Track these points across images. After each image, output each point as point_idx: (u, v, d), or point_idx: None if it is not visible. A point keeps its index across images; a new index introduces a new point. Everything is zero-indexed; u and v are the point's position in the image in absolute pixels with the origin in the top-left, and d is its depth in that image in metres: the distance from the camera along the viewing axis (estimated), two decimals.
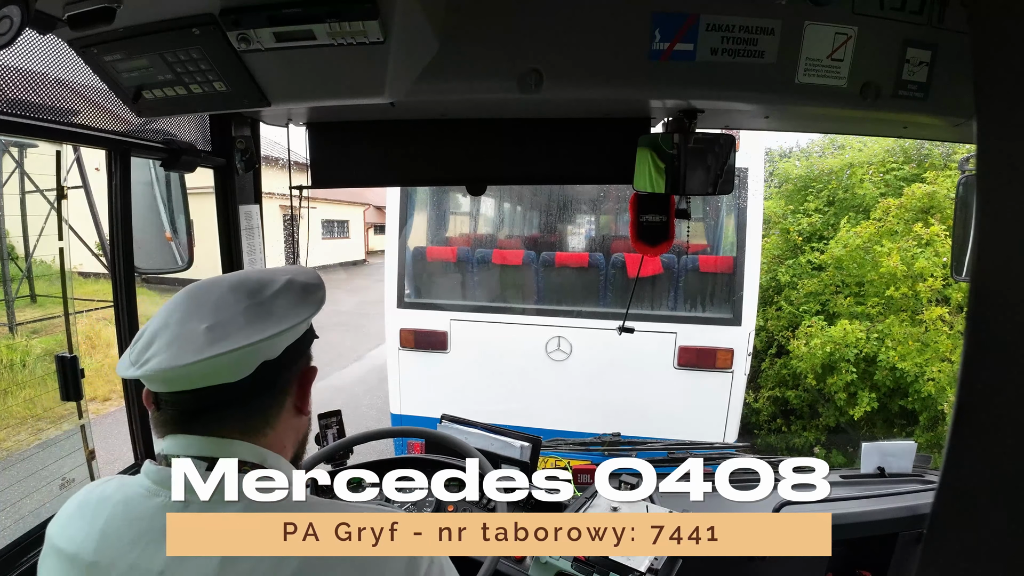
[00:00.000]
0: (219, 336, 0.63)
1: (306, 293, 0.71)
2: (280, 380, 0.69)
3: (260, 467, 0.66)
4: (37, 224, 7.23)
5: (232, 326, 0.64)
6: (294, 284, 0.71)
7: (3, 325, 6.85)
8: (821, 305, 5.37)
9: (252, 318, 0.65)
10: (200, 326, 0.64)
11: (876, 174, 5.63)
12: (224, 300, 0.67)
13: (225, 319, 0.64)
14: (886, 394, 4.87)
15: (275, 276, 0.71)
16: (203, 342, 0.62)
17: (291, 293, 0.70)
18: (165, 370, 0.62)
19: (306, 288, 0.71)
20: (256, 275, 0.72)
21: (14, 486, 3.92)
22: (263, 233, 1.74)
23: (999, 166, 0.41)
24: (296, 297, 0.70)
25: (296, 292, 0.70)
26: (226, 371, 0.64)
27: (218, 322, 0.64)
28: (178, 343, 0.63)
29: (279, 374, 0.68)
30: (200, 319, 0.64)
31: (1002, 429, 0.40)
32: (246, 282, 0.69)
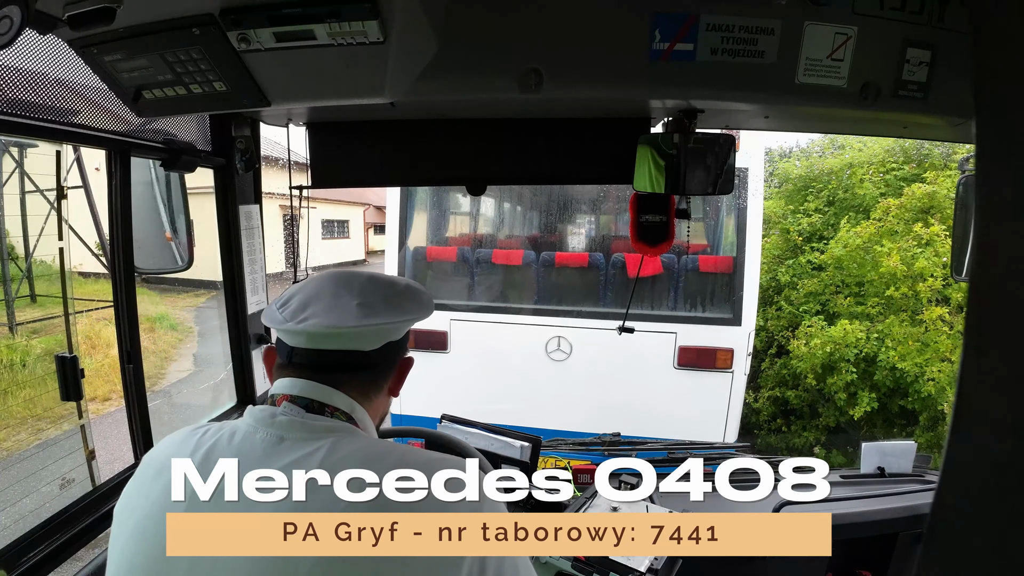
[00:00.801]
0: (369, 312, 0.75)
1: (423, 296, 0.85)
2: (394, 360, 0.82)
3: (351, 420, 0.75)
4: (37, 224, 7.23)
5: (378, 307, 0.77)
6: (413, 287, 0.85)
7: (3, 325, 6.85)
8: (821, 305, 5.37)
9: (390, 305, 0.78)
10: (353, 302, 0.76)
11: (876, 174, 5.63)
12: (367, 287, 0.79)
13: (371, 301, 0.77)
14: (886, 394, 4.87)
15: (397, 279, 0.86)
16: (358, 313, 0.75)
17: (412, 294, 0.84)
18: (328, 327, 0.73)
19: (423, 292, 0.86)
20: (384, 276, 0.86)
21: (14, 486, 3.92)
22: (263, 233, 1.74)
23: (999, 166, 0.41)
24: (415, 297, 0.84)
25: (416, 294, 0.84)
26: (367, 340, 0.77)
27: (366, 302, 0.77)
28: (336, 310, 0.74)
29: (395, 354, 0.82)
30: (351, 296, 0.77)
31: (1002, 429, 0.40)
32: (377, 279, 0.82)
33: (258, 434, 0.71)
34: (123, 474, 1.40)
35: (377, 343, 0.78)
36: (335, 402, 0.75)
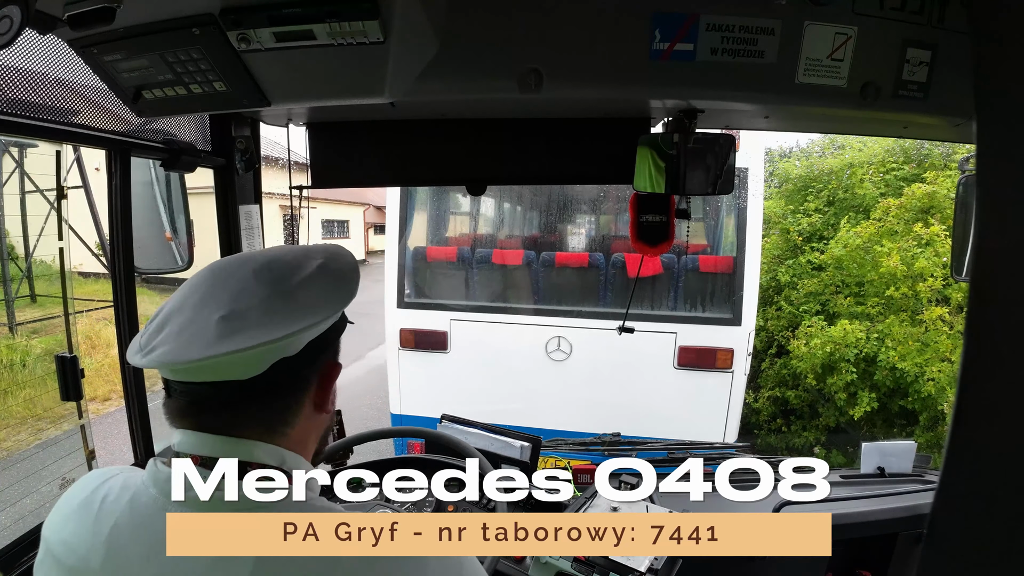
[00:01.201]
0: (233, 329, 0.58)
1: (338, 282, 0.66)
2: (298, 378, 0.64)
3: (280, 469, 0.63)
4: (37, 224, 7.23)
5: (249, 318, 0.59)
6: (327, 270, 0.65)
7: (3, 325, 6.85)
8: (821, 305, 5.37)
9: (272, 309, 0.61)
10: (215, 315, 0.59)
11: (876, 174, 5.63)
12: (246, 286, 0.62)
13: (243, 309, 0.60)
14: (886, 394, 4.87)
15: (307, 259, 0.66)
16: (213, 335, 0.58)
17: (321, 281, 0.65)
18: (168, 364, 0.58)
19: (339, 276, 0.66)
20: (289, 256, 0.67)
21: (14, 486, 3.92)
22: (263, 233, 1.74)
23: (999, 166, 0.41)
24: (326, 286, 0.65)
25: (327, 280, 0.65)
26: (237, 368, 0.60)
27: (234, 311, 0.60)
28: (188, 332, 0.59)
29: (297, 372, 0.64)
30: (217, 306, 0.60)
31: (1002, 429, 0.40)
32: (275, 264, 0.65)
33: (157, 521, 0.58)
34: None
35: (261, 365, 0.61)
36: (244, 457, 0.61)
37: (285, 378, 0.63)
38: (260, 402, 0.62)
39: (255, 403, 0.62)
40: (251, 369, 0.60)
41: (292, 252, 0.68)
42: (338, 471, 1.03)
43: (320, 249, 0.70)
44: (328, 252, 0.69)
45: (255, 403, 0.62)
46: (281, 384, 0.63)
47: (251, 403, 0.62)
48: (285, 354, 0.62)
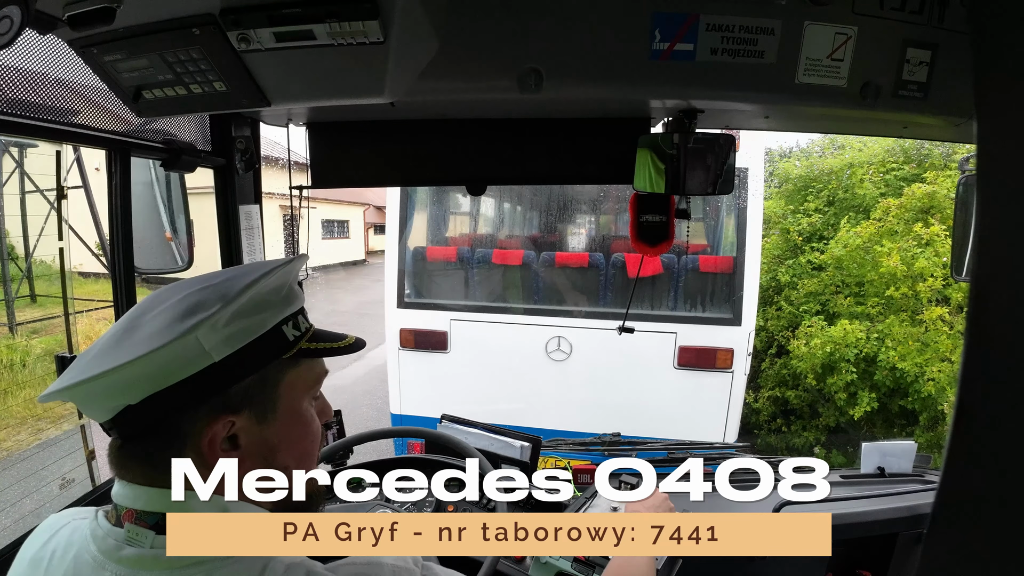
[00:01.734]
0: (73, 368, 0.57)
1: (187, 312, 0.56)
2: (151, 433, 0.57)
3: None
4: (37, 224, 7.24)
5: (86, 354, 0.57)
6: (188, 298, 0.58)
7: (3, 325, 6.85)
8: (821, 305, 5.37)
9: (107, 345, 0.57)
10: (87, 349, 0.58)
11: (876, 174, 5.63)
12: (123, 319, 0.59)
13: (97, 344, 0.57)
14: (886, 394, 4.87)
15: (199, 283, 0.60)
16: (63, 375, 0.57)
17: (170, 311, 0.57)
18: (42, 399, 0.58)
19: (192, 307, 0.57)
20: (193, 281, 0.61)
21: (14, 486, 3.92)
22: (263, 233, 1.74)
23: (999, 166, 0.41)
24: (168, 319, 0.56)
25: (177, 309, 0.57)
26: (88, 409, 0.58)
27: (90, 348, 0.58)
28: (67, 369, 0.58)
29: (145, 425, 0.57)
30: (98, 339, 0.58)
31: (1002, 429, 0.40)
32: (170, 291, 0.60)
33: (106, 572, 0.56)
34: None
35: (105, 410, 0.57)
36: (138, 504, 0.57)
37: (138, 430, 0.57)
38: (134, 452, 0.58)
39: (132, 452, 0.58)
40: (97, 413, 0.58)
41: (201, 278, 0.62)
42: (338, 471, 1.03)
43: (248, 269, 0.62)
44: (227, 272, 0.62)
45: (132, 452, 0.58)
46: (136, 436, 0.58)
47: (129, 452, 0.58)
48: (128, 400, 0.56)
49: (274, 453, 0.62)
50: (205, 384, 0.57)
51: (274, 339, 0.61)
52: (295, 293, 0.65)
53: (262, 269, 0.61)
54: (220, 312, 0.57)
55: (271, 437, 0.61)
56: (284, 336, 0.62)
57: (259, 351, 0.60)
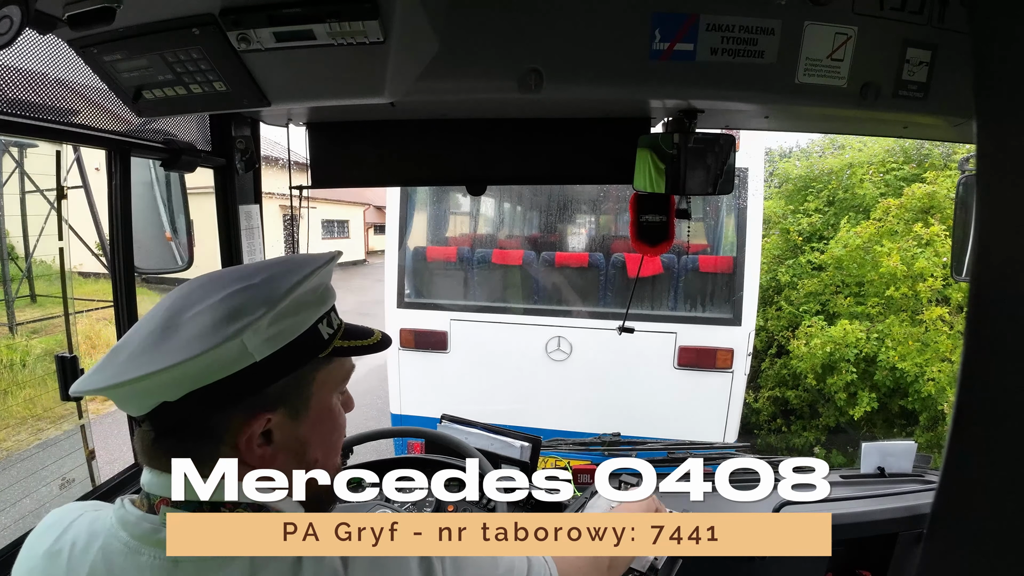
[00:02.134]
0: (104, 365, 0.56)
1: (232, 315, 0.57)
2: (189, 428, 0.58)
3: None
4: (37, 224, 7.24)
5: (120, 354, 0.57)
6: (229, 299, 0.58)
7: (3, 325, 6.85)
8: (821, 305, 5.37)
9: (146, 345, 0.56)
10: (117, 346, 0.58)
11: (876, 174, 5.63)
12: (155, 315, 0.59)
13: (132, 342, 0.57)
14: (886, 394, 4.87)
15: (236, 281, 0.60)
16: (95, 369, 0.57)
17: (210, 312, 0.57)
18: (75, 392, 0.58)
19: (236, 309, 0.57)
20: (226, 278, 0.61)
21: (14, 486, 3.92)
22: (263, 233, 1.74)
23: (999, 166, 0.41)
24: (212, 320, 0.57)
25: (218, 311, 0.57)
26: (127, 405, 0.58)
27: (121, 344, 0.57)
28: (100, 362, 0.57)
29: (183, 420, 0.58)
30: (128, 336, 0.58)
31: (1002, 429, 0.40)
32: (202, 289, 0.60)
33: (142, 556, 0.56)
34: (123, 474, 1.40)
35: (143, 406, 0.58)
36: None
37: (172, 425, 0.58)
38: (169, 447, 0.58)
39: (167, 447, 0.58)
40: (131, 409, 0.58)
41: (240, 271, 0.63)
42: (338, 471, 1.03)
43: (272, 264, 0.64)
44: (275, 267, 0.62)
45: (167, 447, 0.58)
46: (172, 431, 0.58)
47: (165, 446, 0.58)
48: (167, 398, 0.56)
49: (305, 448, 0.63)
50: (245, 383, 0.58)
51: (311, 338, 0.62)
52: (330, 291, 0.66)
53: (304, 269, 0.61)
54: (265, 315, 0.57)
55: (303, 433, 0.63)
56: (320, 335, 0.63)
57: (297, 351, 0.61)
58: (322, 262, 0.63)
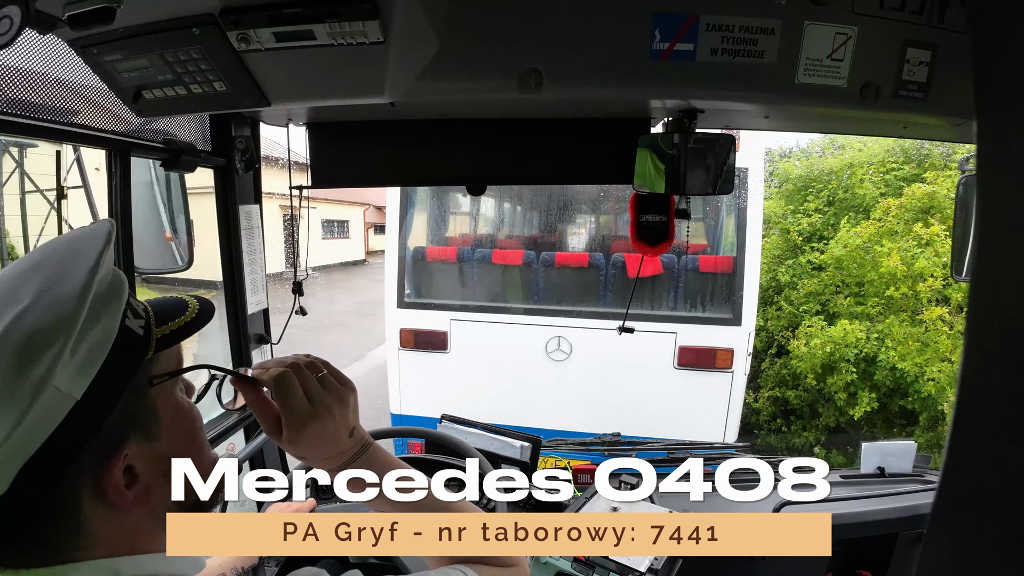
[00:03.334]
0: None
1: (19, 363, 0.42)
2: (39, 513, 0.46)
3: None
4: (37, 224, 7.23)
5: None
6: (7, 338, 0.43)
7: None
8: (821, 305, 5.37)
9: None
10: None
11: (876, 174, 5.63)
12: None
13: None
14: (886, 394, 4.88)
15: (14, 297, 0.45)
16: None
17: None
18: None
19: (23, 349, 0.42)
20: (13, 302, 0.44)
21: None
22: (263, 233, 1.74)
23: (999, 166, 0.41)
24: (3, 366, 0.42)
25: (4, 350, 0.42)
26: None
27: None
28: None
29: (23, 506, 0.45)
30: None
31: (1002, 429, 0.40)
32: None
33: None
34: None
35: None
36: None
37: (14, 519, 0.45)
38: (28, 540, 0.46)
39: (26, 541, 0.46)
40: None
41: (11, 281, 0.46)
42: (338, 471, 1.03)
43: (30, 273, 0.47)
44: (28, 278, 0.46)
45: (26, 541, 0.46)
46: (16, 523, 0.45)
47: (24, 541, 0.46)
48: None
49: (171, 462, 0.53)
50: (75, 431, 0.45)
51: (127, 341, 0.49)
52: (119, 276, 0.50)
53: (85, 261, 0.47)
54: (66, 342, 0.44)
55: (164, 449, 0.52)
56: (134, 332, 0.50)
57: (118, 364, 0.48)
58: (100, 240, 0.49)
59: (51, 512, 0.46)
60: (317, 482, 0.66)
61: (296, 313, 1.60)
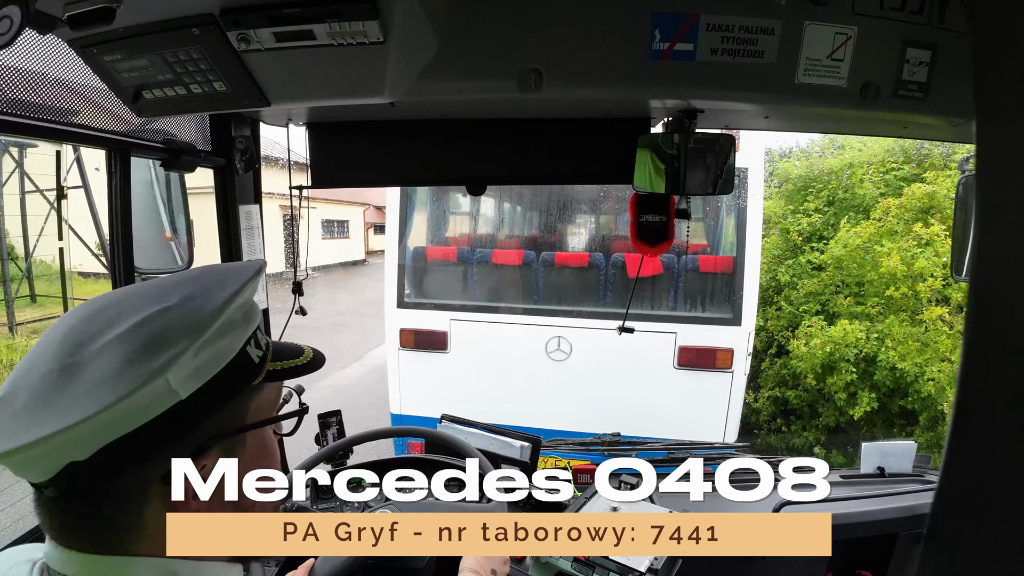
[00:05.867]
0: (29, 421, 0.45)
1: (149, 347, 0.47)
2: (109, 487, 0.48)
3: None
4: (37, 224, 7.25)
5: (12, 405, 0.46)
6: (142, 328, 0.48)
7: (3, 325, 6.85)
8: (821, 305, 5.37)
9: (43, 394, 0.46)
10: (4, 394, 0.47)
11: (876, 174, 5.63)
12: (48, 348, 0.48)
13: (22, 388, 0.46)
14: (886, 394, 4.87)
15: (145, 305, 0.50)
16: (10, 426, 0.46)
17: (120, 346, 0.47)
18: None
19: (153, 340, 0.48)
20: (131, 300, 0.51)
21: (14, 486, 3.92)
22: (263, 233, 1.74)
23: (999, 166, 0.41)
24: (125, 356, 0.47)
25: (130, 343, 0.47)
26: (23, 470, 0.47)
27: (12, 391, 0.46)
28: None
29: (98, 480, 0.48)
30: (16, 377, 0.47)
31: (1002, 429, 0.40)
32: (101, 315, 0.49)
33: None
34: None
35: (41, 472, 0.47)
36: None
37: (84, 490, 0.48)
38: (82, 513, 0.49)
39: (79, 514, 0.49)
40: (35, 474, 0.48)
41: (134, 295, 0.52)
42: (338, 471, 1.03)
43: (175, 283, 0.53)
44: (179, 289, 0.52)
45: (79, 514, 0.49)
46: (85, 497, 0.48)
47: (77, 513, 0.49)
48: (73, 458, 0.46)
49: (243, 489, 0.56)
50: (170, 427, 0.49)
51: (242, 365, 0.54)
52: (255, 308, 0.57)
53: (230, 285, 0.53)
54: (191, 345, 0.49)
55: (239, 470, 0.55)
56: (251, 359, 0.55)
57: (227, 381, 0.52)
58: (250, 274, 0.55)
59: (117, 498, 0.49)
60: (317, 482, 0.66)
61: (296, 313, 1.60)
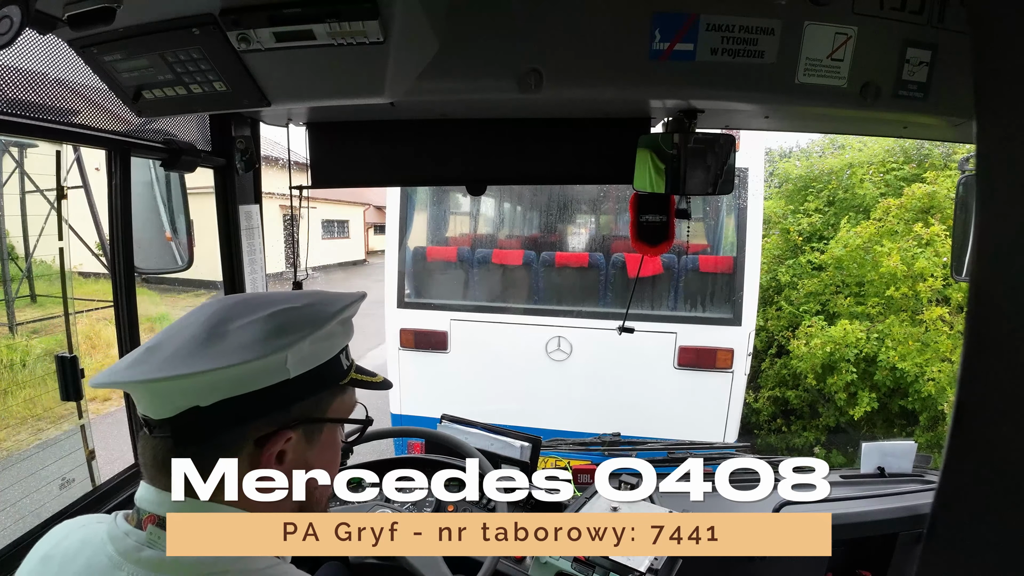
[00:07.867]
0: (140, 360, 0.58)
1: (280, 330, 0.60)
2: (211, 436, 0.59)
3: None
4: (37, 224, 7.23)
5: (161, 351, 0.58)
6: (276, 316, 0.61)
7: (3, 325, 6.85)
8: (821, 305, 5.36)
9: (189, 347, 0.58)
10: (152, 345, 0.59)
11: (876, 174, 5.63)
12: (197, 321, 0.61)
13: (171, 343, 0.59)
14: (886, 394, 4.87)
15: (280, 302, 0.64)
16: (126, 363, 0.58)
17: (258, 325, 0.60)
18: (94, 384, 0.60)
19: (283, 325, 0.60)
20: (268, 298, 0.66)
21: (14, 486, 3.92)
22: (263, 233, 1.74)
23: (999, 166, 0.41)
24: (260, 331, 0.59)
25: (267, 325, 0.60)
26: (150, 405, 0.58)
27: (159, 343, 0.59)
28: (131, 357, 0.59)
29: (206, 428, 0.58)
30: (163, 337, 0.60)
31: (1002, 429, 0.40)
32: (245, 304, 0.63)
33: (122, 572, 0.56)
34: (123, 474, 1.40)
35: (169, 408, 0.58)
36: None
37: (195, 434, 0.58)
38: (184, 456, 0.58)
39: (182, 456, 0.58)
40: (158, 410, 0.58)
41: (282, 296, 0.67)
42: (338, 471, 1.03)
43: (315, 294, 0.68)
44: (321, 296, 0.67)
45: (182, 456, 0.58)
46: (194, 440, 0.59)
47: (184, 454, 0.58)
48: (198, 402, 0.57)
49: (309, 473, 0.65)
50: (275, 398, 0.60)
51: (335, 365, 0.66)
52: (351, 327, 0.70)
53: (342, 300, 0.67)
54: (309, 336, 0.61)
55: (312, 458, 0.65)
56: (342, 364, 0.67)
57: (324, 375, 0.64)
58: (357, 297, 0.70)
59: (219, 448, 0.59)
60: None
61: None
